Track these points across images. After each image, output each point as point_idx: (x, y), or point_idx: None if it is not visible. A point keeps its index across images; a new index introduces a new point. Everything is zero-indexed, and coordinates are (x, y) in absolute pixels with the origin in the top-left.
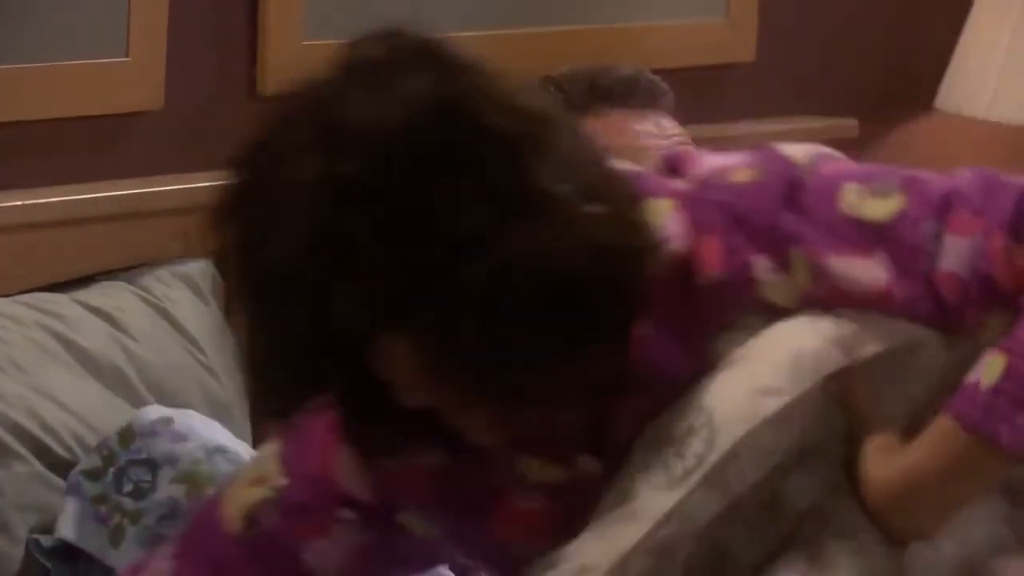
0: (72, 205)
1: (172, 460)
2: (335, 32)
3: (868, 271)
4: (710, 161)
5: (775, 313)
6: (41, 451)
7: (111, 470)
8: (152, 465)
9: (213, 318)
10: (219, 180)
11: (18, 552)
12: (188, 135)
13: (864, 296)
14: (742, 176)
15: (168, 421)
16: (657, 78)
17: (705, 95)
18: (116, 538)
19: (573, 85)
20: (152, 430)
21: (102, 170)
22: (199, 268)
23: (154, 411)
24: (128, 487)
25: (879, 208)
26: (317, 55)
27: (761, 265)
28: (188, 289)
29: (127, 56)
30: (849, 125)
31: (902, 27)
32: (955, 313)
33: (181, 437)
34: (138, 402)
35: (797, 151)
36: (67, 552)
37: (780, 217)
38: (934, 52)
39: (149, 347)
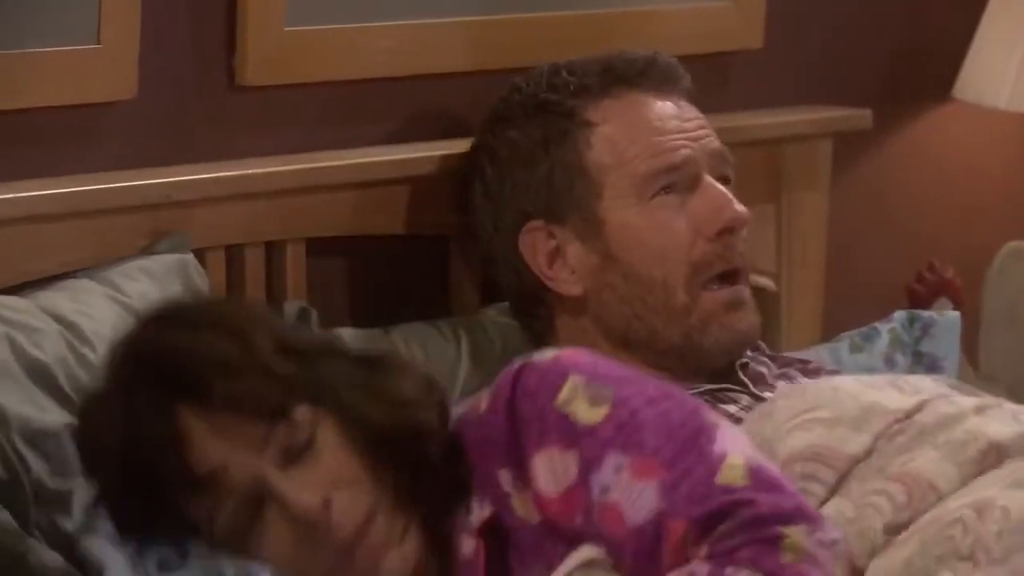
0: (40, 200)
1: None
2: (319, 19)
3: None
4: None
5: None
6: None
7: None
8: None
9: None
10: (194, 174)
11: None
12: (163, 126)
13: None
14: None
15: None
16: (675, 60)
17: (710, 83)
18: None
19: (586, 68)
20: None
21: (72, 163)
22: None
23: None
24: None
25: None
26: (299, 43)
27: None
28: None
29: (98, 43)
30: (863, 115)
31: (917, 12)
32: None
33: None
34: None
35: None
36: None
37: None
38: (951, 39)
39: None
